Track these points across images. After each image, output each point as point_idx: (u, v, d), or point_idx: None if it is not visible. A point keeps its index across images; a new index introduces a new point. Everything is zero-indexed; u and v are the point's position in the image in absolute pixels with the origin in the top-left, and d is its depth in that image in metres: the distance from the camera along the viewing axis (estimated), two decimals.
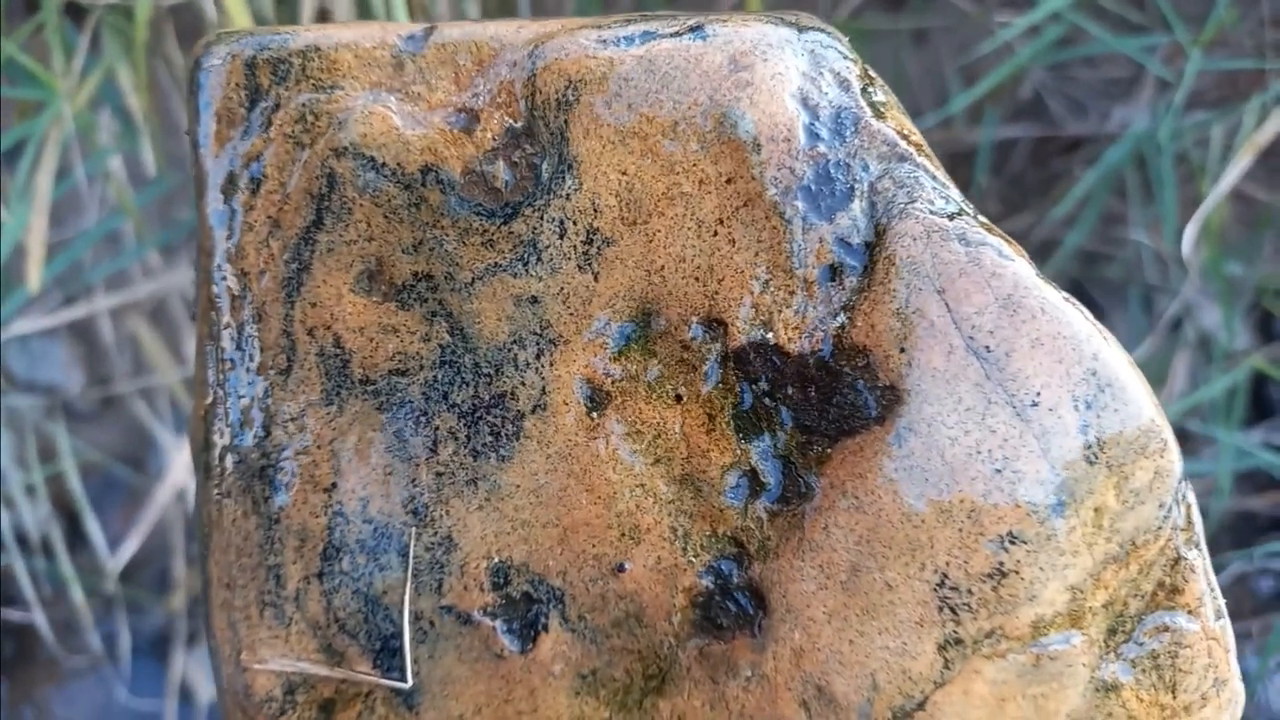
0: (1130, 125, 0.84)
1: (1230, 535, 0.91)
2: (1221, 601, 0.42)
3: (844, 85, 0.40)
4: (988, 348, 0.38)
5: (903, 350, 0.38)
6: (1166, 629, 0.40)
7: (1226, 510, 0.89)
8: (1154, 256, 0.89)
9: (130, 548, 0.94)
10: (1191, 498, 0.41)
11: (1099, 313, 1.00)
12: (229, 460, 0.43)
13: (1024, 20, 0.78)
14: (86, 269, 0.90)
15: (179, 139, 0.86)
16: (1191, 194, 0.84)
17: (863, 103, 0.40)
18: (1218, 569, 0.90)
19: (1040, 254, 0.92)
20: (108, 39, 0.75)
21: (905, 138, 0.40)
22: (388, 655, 0.42)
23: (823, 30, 0.41)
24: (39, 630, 0.96)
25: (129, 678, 0.99)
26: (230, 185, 0.43)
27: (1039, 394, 0.37)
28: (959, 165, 0.91)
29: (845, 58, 0.41)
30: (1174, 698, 0.41)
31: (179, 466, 0.90)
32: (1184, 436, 0.92)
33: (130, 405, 0.98)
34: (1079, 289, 0.96)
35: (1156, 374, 0.88)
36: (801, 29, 0.41)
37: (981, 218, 0.40)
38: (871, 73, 0.42)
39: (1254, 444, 0.85)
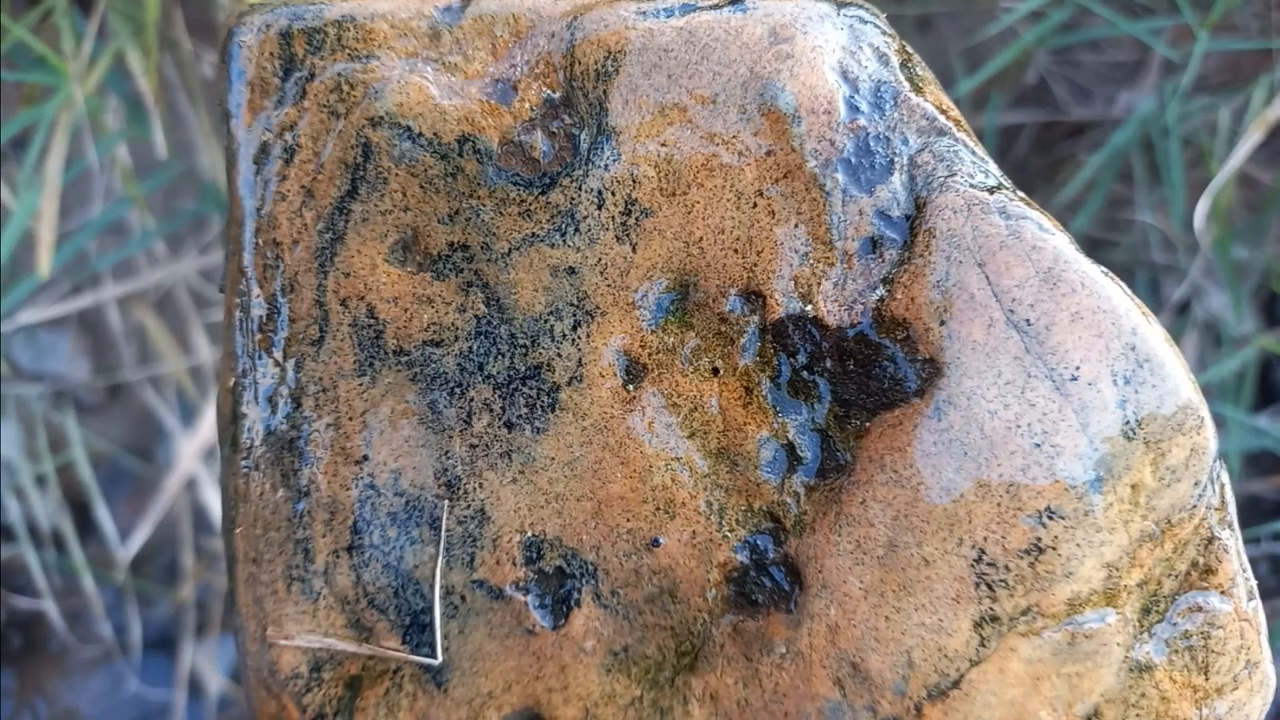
0: (1135, 109, 0.84)
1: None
2: (1254, 583, 0.42)
3: (883, 60, 0.40)
4: (1028, 321, 0.38)
5: (943, 323, 0.38)
6: (1200, 609, 0.40)
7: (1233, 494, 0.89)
8: (1160, 239, 0.89)
9: (140, 538, 0.93)
10: (1225, 477, 0.41)
11: None
12: (258, 432, 0.43)
13: (1028, 4, 0.78)
14: (93, 258, 0.90)
15: (185, 127, 0.86)
16: (1196, 178, 0.85)
17: (901, 77, 0.40)
18: None
19: None
20: (116, 23, 0.74)
21: (944, 112, 0.40)
22: (417, 631, 0.42)
23: (861, 6, 0.42)
24: (49, 621, 0.95)
25: (139, 669, 0.98)
26: (263, 155, 0.43)
27: (1078, 368, 0.37)
28: None
29: (884, 33, 0.41)
30: (1206, 679, 0.41)
31: (187, 457, 0.89)
32: None
33: (137, 396, 0.97)
34: None
35: None
36: (840, 4, 0.41)
37: (1020, 193, 0.40)
38: (909, 49, 0.42)
39: (1262, 427, 0.85)
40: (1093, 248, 0.94)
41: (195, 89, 0.82)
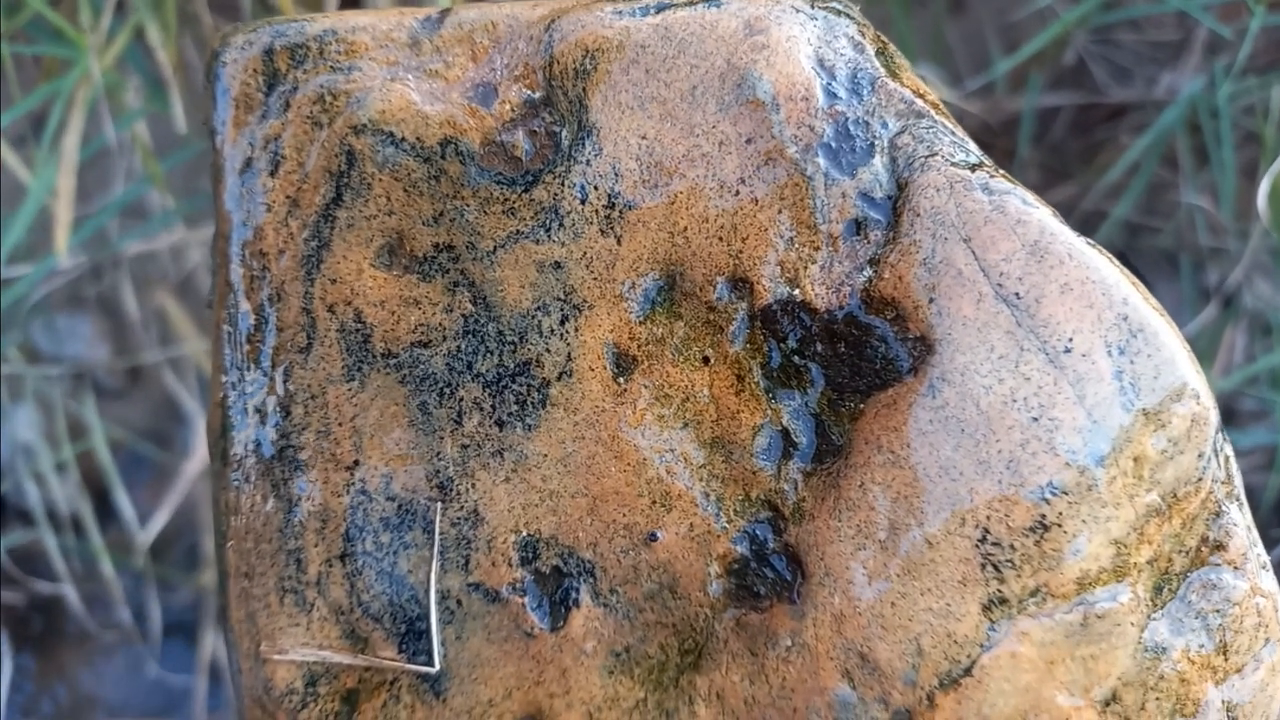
0: (1178, 91, 0.82)
1: (1277, 515, 0.89)
2: (1266, 557, 0.41)
3: (858, 48, 0.41)
4: (1017, 294, 0.37)
5: (932, 300, 0.38)
6: (1214, 586, 0.39)
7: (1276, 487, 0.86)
8: (1205, 224, 0.87)
9: (160, 523, 0.91)
10: (1229, 450, 0.41)
11: (1145, 283, 0.95)
12: (247, 444, 0.42)
13: None
14: (113, 239, 0.88)
15: (205, 105, 0.84)
16: (1242, 161, 0.83)
17: (878, 64, 0.41)
18: (1269, 547, 0.87)
19: (1083, 226, 0.89)
20: None
21: (921, 96, 0.40)
22: (414, 639, 0.41)
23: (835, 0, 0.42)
24: (68, 606, 0.93)
25: (159, 654, 0.97)
26: (248, 168, 0.43)
27: (1071, 340, 0.37)
28: (999, 135, 0.89)
29: (858, 24, 0.41)
30: (1225, 659, 0.39)
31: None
32: (1235, 412, 0.89)
33: (156, 381, 0.96)
34: (1123, 259, 0.93)
35: (1208, 346, 0.85)
36: None
37: (1002, 170, 0.40)
38: (884, 38, 0.42)
39: None
40: (1132, 234, 0.92)
41: None
